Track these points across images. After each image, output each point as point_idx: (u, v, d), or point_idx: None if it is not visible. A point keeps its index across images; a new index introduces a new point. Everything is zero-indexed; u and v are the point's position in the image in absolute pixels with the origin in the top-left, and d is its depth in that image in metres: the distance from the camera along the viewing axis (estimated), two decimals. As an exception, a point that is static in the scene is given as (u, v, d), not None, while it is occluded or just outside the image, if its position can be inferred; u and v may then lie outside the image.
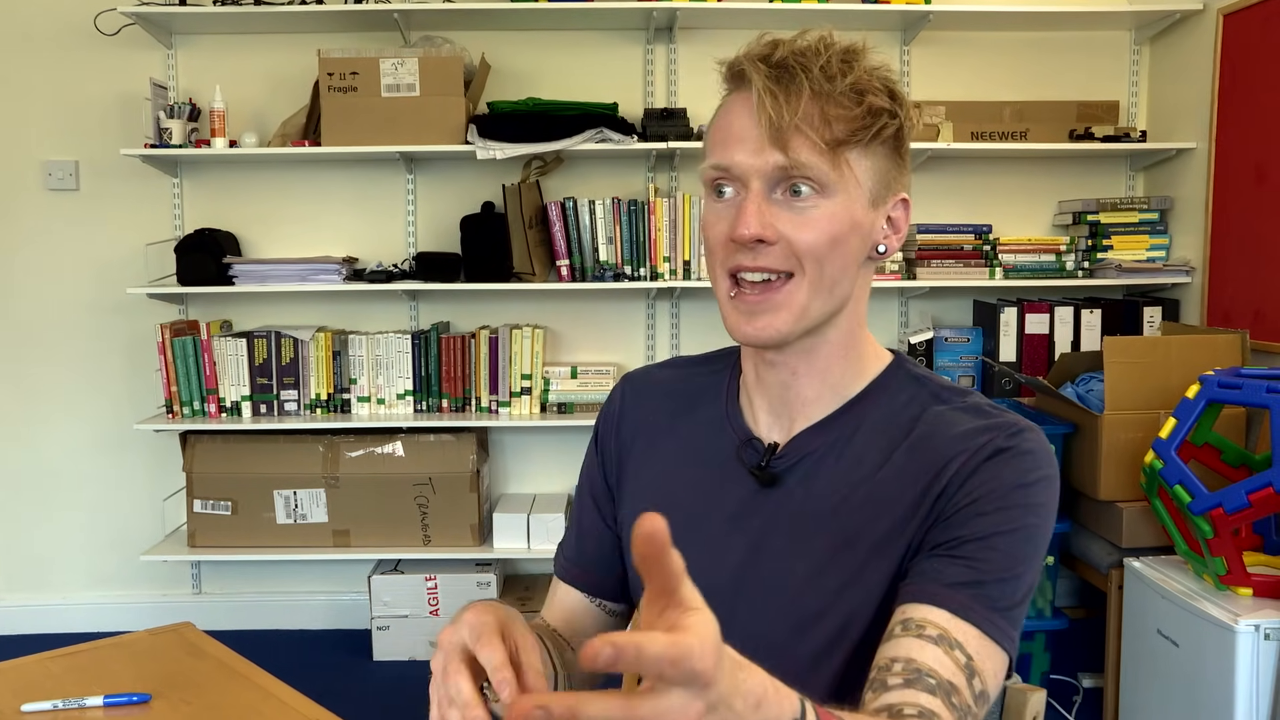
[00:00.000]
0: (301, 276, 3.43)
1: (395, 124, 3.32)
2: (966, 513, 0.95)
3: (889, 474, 1.00)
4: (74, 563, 3.76)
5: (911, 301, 3.75)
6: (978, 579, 0.93)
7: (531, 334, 3.51)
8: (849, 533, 1.00)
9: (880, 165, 0.99)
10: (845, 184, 0.96)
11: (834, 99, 0.94)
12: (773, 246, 0.96)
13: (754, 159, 0.95)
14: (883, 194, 1.00)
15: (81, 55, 3.57)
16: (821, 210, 0.96)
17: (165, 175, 3.62)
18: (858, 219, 0.98)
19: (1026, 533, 0.95)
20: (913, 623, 0.92)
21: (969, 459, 0.97)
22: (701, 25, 3.58)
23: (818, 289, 0.98)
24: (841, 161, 0.95)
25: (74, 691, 1.33)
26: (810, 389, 1.05)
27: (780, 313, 0.98)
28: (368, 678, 3.35)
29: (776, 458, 1.05)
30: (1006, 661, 0.94)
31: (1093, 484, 2.91)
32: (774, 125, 0.93)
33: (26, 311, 3.68)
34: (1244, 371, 2.49)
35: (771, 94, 0.94)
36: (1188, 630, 2.45)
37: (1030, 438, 0.98)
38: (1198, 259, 3.42)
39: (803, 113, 0.94)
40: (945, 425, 1.00)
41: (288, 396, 3.51)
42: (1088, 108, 3.60)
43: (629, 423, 1.18)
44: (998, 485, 0.95)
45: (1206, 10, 3.36)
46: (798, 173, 0.95)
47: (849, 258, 0.99)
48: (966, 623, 0.91)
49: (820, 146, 0.94)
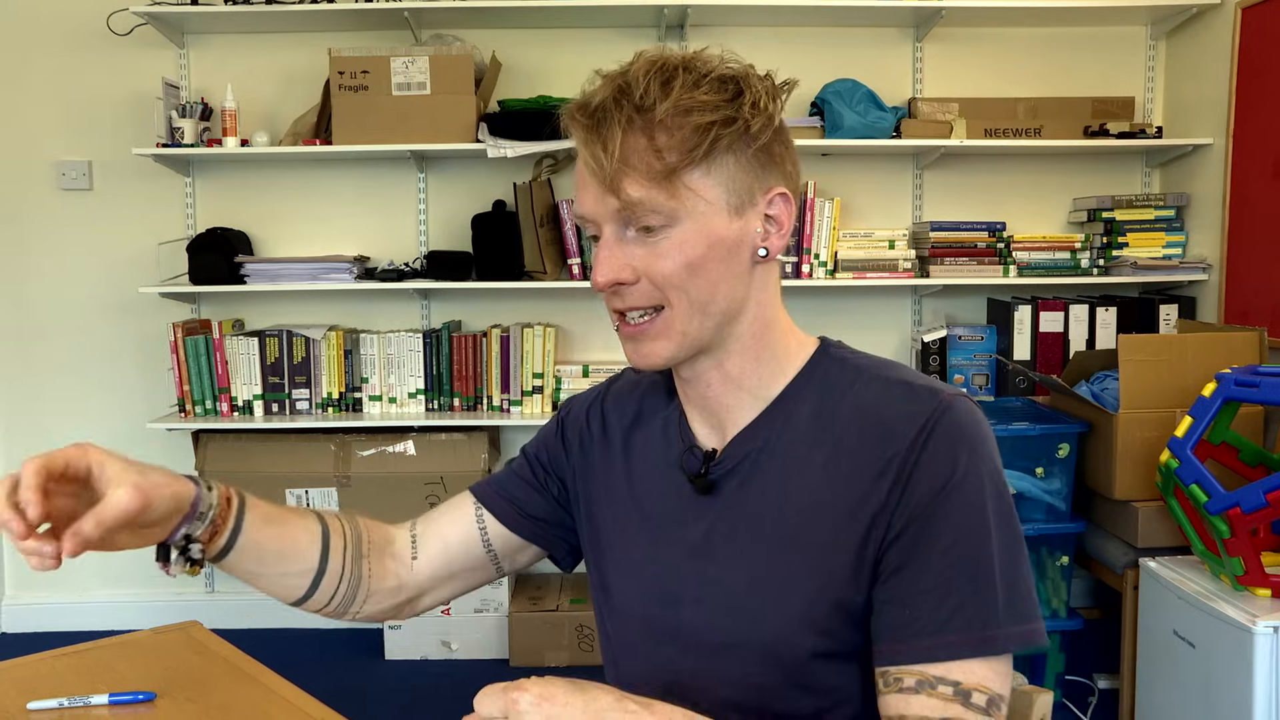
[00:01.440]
0: (313, 275, 3.44)
1: (406, 123, 3.32)
2: (909, 535, 0.93)
3: (823, 472, 0.98)
4: (86, 561, 3.73)
5: (925, 299, 3.72)
6: (944, 615, 0.91)
7: (543, 332, 3.51)
8: (790, 535, 0.98)
9: (732, 174, 0.96)
10: (690, 207, 0.94)
11: (657, 127, 0.93)
12: (635, 285, 0.97)
13: (595, 206, 0.97)
14: (746, 199, 0.97)
15: (94, 55, 3.58)
16: (672, 239, 0.95)
17: (177, 174, 3.62)
18: (718, 235, 0.96)
19: (973, 536, 0.93)
20: (891, 677, 0.93)
21: (903, 460, 0.94)
22: (713, 22, 3.56)
23: (691, 314, 0.97)
24: (678, 186, 0.94)
25: (79, 690, 1.33)
26: (729, 396, 1.04)
27: (659, 340, 0.99)
28: (380, 677, 3.35)
29: (715, 464, 1.04)
30: (1008, 655, 0.92)
31: (1108, 483, 2.89)
32: (601, 172, 0.94)
33: (39, 311, 3.69)
34: (1262, 369, 2.46)
35: (589, 143, 0.94)
36: (1205, 631, 2.43)
37: (955, 415, 0.95)
38: (1215, 256, 3.39)
39: (621, 154, 0.93)
40: (872, 411, 0.98)
41: (299, 395, 3.51)
42: (1103, 104, 3.57)
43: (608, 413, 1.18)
44: (930, 495, 0.93)
45: (1224, 5, 3.33)
46: (636, 211, 0.94)
47: (718, 274, 0.97)
48: (947, 661, 0.91)
49: (651, 179, 0.93)
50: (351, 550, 1.15)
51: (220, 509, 1.04)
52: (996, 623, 0.91)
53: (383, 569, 1.17)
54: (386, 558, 1.18)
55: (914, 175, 3.70)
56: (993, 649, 0.91)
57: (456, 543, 1.19)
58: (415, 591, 1.20)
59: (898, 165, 3.70)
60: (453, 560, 1.19)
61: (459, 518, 1.20)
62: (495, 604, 3.43)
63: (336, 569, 1.13)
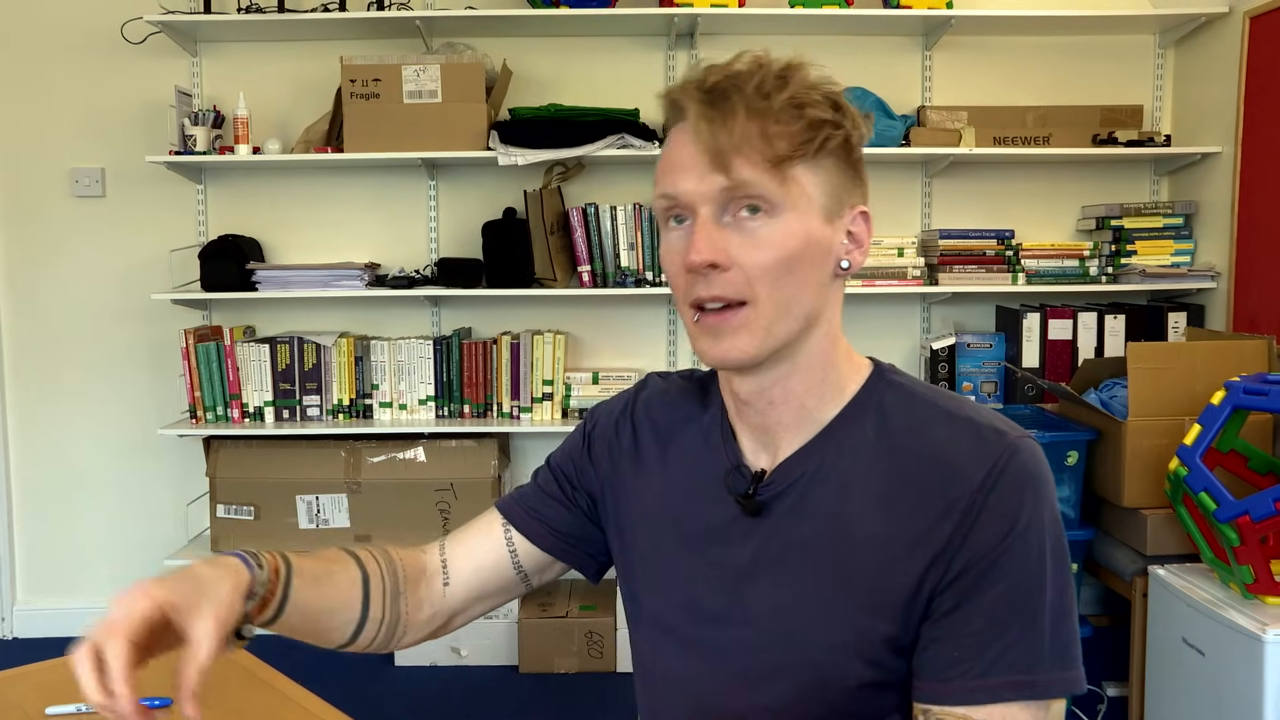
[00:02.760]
0: (324, 282, 3.45)
1: (417, 130, 3.33)
2: (968, 578, 0.93)
3: (879, 502, 0.97)
4: (98, 567, 3.79)
5: (933, 307, 3.73)
6: (991, 656, 0.91)
7: (553, 340, 3.52)
8: (840, 564, 0.97)
9: (831, 179, 0.96)
10: (795, 200, 0.94)
11: (772, 115, 0.93)
12: (727, 272, 0.94)
13: (698, 185, 0.94)
14: (837, 208, 0.97)
15: (108, 64, 3.61)
16: (773, 230, 0.94)
17: (190, 182, 3.64)
18: (814, 235, 0.95)
19: (1030, 583, 0.92)
20: (932, 716, 0.92)
21: (969, 504, 0.93)
22: (723, 31, 3.58)
23: (775, 312, 0.95)
24: (788, 177, 0.93)
25: (97, 695, 1.34)
26: (789, 416, 1.02)
27: (741, 334, 0.95)
28: (390, 683, 3.36)
29: (764, 485, 1.02)
30: (1051, 700, 0.92)
31: (1117, 491, 2.89)
32: (713, 149, 0.92)
33: (52, 317, 3.71)
34: (1270, 377, 2.46)
35: (707, 119, 0.93)
36: (1214, 639, 2.43)
37: (1023, 460, 0.95)
38: (1223, 264, 3.39)
39: (740, 133, 0.92)
40: (935, 449, 0.97)
41: (310, 402, 3.52)
42: (1111, 112, 3.57)
43: (638, 425, 1.15)
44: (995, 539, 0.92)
45: (1232, 13, 3.34)
46: (743, 192, 0.93)
47: (806, 277, 0.96)
48: (989, 704, 0.90)
49: (763, 164, 0.92)
50: (390, 592, 1.12)
51: (270, 584, 1.01)
52: (1042, 667, 0.91)
53: (417, 602, 1.15)
54: (420, 589, 1.16)
55: (923, 183, 3.71)
56: (1034, 693, 0.91)
57: (488, 566, 1.17)
58: (448, 616, 1.18)
59: (907, 173, 3.70)
60: (485, 582, 1.17)
61: (488, 540, 1.18)
62: (505, 610, 3.44)
63: (377, 616, 1.11)
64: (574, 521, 1.17)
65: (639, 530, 1.11)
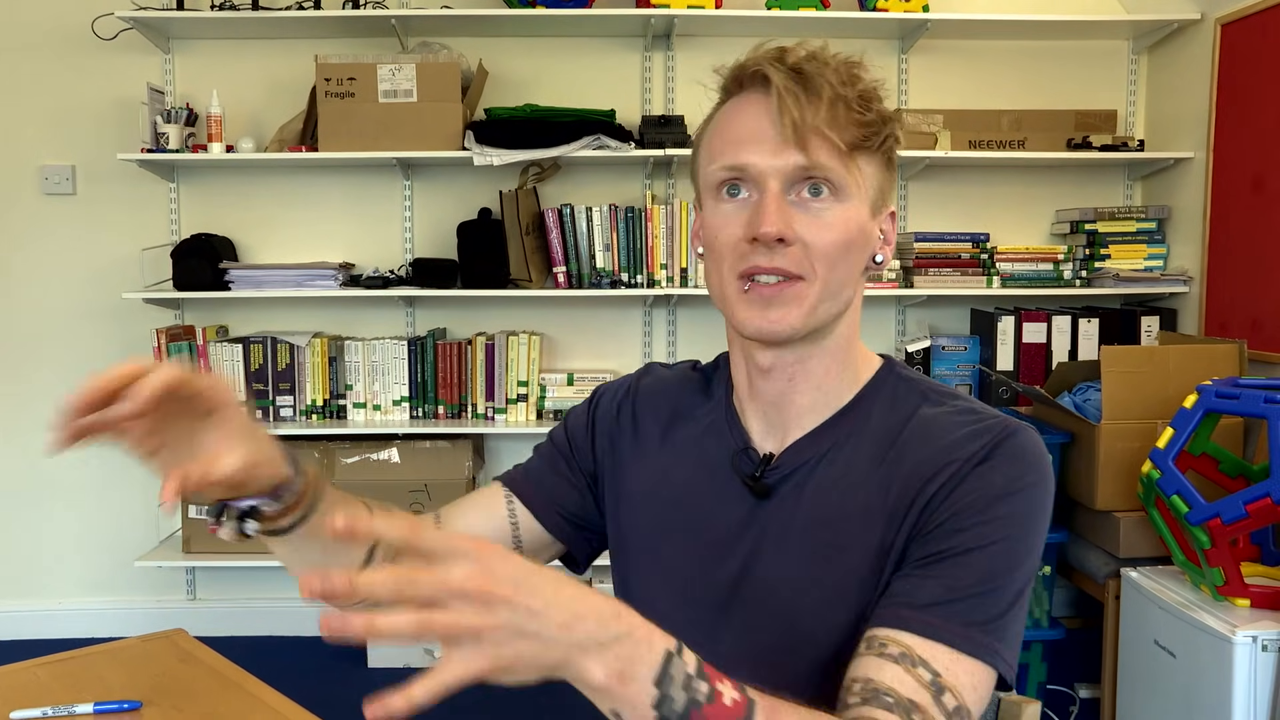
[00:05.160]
0: (298, 282, 3.43)
1: (392, 130, 3.32)
2: (946, 528, 0.94)
3: (879, 482, 0.99)
4: (68, 568, 3.74)
5: (909, 310, 3.74)
6: (949, 597, 0.91)
7: (528, 341, 3.51)
8: (841, 543, 0.99)
9: (879, 174, 1.00)
10: (856, 189, 0.97)
11: (848, 104, 0.95)
12: (790, 248, 0.96)
13: (772, 159, 0.95)
14: (879, 204, 1.01)
15: (79, 60, 3.57)
16: (836, 213, 0.97)
17: (162, 180, 3.61)
18: (864, 225, 0.99)
19: (1006, 544, 0.93)
20: (876, 641, 0.91)
21: (959, 468, 0.95)
22: (699, 33, 3.58)
23: (824, 292, 0.98)
24: (854, 166, 0.97)
25: (64, 699, 1.32)
26: (805, 397, 1.04)
27: (791, 306, 0.97)
28: (362, 685, 3.33)
29: (771, 468, 1.04)
30: (992, 674, 0.91)
31: (1090, 494, 2.90)
32: (796, 126, 0.94)
33: (22, 316, 3.67)
34: (1242, 381, 2.49)
35: (794, 94, 0.94)
36: (1185, 641, 2.44)
37: (1020, 441, 0.98)
38: (1195, 268, 3.42)
39: (825, 114, 0.94)
40: (936, 431, 1.00)
41: (283, 402, 3.50)
42: (1085, 117, 3.60)
43: (639, 407, 1.16)
44: (979, 497, 0.94)
45: (1204, 20, 3.37)
46: (818, 173, 0.95)
47: (854, 263, 1.00)
48: (935, 641, 0.89)
49: (838, 149, 0.95)
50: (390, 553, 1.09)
51: (297, 499, 0.98)
52: (992, 630, 0.91)
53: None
54: None
55: (899, 186, 3.72)
56: (979, 651, 0.90)
57: (486, 534, 1.14)
58: None
59: (882, 176, 3.71)
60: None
61: (489, 508, 1.17)
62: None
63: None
64: (576, 500, 1.17)
65: (638, 510, 1.12)
